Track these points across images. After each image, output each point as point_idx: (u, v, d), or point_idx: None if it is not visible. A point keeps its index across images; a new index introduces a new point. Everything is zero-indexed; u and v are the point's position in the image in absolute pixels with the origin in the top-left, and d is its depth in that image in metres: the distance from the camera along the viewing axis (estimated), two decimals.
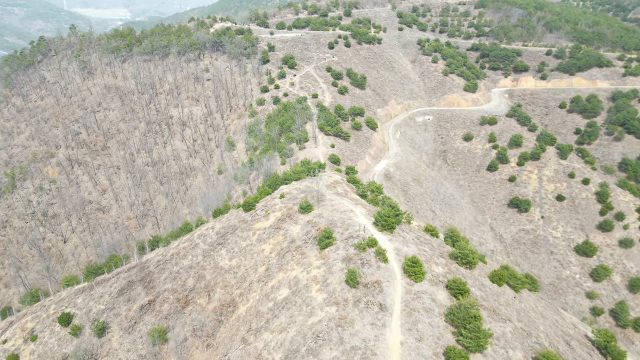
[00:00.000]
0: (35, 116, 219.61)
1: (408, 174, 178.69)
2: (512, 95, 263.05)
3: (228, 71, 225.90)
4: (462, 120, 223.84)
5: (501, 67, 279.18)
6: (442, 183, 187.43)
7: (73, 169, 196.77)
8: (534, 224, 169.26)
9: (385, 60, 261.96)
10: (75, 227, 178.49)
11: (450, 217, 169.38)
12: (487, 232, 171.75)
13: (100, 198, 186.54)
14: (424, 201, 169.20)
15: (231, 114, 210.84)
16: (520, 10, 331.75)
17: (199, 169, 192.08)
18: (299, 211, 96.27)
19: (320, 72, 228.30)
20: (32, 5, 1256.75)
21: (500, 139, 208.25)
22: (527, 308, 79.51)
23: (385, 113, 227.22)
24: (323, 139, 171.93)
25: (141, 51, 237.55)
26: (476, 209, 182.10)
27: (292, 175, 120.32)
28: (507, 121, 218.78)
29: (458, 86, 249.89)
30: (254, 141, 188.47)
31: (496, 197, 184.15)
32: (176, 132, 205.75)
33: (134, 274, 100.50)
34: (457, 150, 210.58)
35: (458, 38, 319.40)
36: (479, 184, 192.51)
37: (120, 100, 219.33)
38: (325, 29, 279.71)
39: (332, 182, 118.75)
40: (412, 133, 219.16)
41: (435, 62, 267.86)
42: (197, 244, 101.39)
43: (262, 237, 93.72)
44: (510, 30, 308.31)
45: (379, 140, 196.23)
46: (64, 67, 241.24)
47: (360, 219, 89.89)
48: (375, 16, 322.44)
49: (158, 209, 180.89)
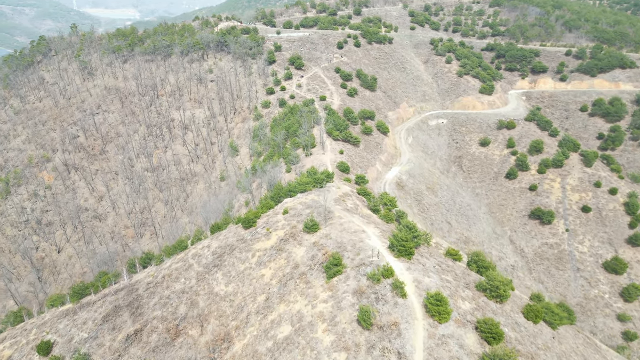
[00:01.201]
0: (32, 119, 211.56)
1: (422, 182, 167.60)
2: (530, 98, 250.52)
3: (233, 72, 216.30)
4: (479, 125, 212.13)
5: (518, 68, 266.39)
6: (458, 192, 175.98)
7: (70, 174, 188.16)
8: (558, 238, 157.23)
9: (396, 61, 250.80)
10: (71, 236, 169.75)
11: (467, 229, 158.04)
12: (507, 245, 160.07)
13: (97, 205, 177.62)
14: (439, 212, 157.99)
15: (235, 117, 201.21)
16: (537, 9, 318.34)
17: (201, 175, 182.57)
18: (304, 231, 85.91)
19: (328, 74, 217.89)
20: (42, 6, 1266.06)
21: (520, 145, 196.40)
22: (568, 350, 68.37)
23: (397, 116, 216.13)
24: (331, 145, 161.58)
25: (143, 51, 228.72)
26: (495, 220, 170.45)
27: (298, 187, 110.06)
28: (527, 125, 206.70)
29: (473, 88, 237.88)
30: (259, 146, 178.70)
31: (516, 207, 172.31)
32: (178, 136, 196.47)
33: (121, 298, 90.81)
34: (473, 157, 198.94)
35: (472, 38, 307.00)
36: (497, 193, 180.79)
37: (121, 103, 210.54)
38: (335, 28, 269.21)
39: (341, 195, 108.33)
40: (425, 138, 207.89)
41: (449, 62, 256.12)
42: (191, 265, 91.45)
43: (262, 260, 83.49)
44: (527, 30, 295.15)
45: (391, 145, 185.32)
46: (63, 68, 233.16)
47: (373, 241, 79.34)
48: (386, 15, 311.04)
49: (157, 218, 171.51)
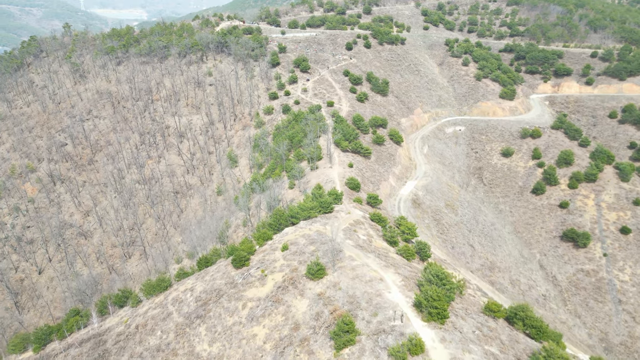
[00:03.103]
0: (19, 124, 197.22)
1: (440, 198, 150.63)
2: (554, 103, 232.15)
3: (233, 75, 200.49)
4: (500, 132, 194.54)
5: (540, 70, 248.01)
6: (480, 209, 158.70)
7: (55, 185, 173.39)
8: (594, 264, 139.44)
9: (409, 63, 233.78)
10: (53, 255, 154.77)
11: (491, 252, 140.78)
12: (536, 271, 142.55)
13: (82, 221, 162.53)
14: (460, 233, 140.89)
15: (235, 124, 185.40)
16: (559, 7, 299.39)
17: (196, 188, 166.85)
18: (306, 276, 69.55)
19: (336, 77, 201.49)
20: (49, 6, 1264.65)
21: (546, 156, 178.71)
22: None
23: (411, 123, 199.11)
24: (339, 157, 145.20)
25: (138, 52, 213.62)
26: (521, 241, 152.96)
27: (300, 212, 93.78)
28: (553, 134, 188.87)
29: (493, 92, 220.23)
30: (259, 157, 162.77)
31: (545, 227, 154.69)
32: (172, 144, 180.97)
33: (86, 353, 75.02)
34: (494, 168, 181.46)
35: (489, 38, 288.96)
36: (522, 210, 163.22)
37: (112, 108, 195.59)
38: (343, 28, 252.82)
39: (351, 222, 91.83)
40: (441, 147, 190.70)
41: (466, 65, 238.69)
42: (170, 312, 75.43)
43: (254, 314, 67.21)
44: (549, 30, 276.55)
45: (405, 156, 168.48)
46: (54, 70, 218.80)
47: (393, 294, 62.83)
48: (398, 14, 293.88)
49: (147, 236, 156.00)
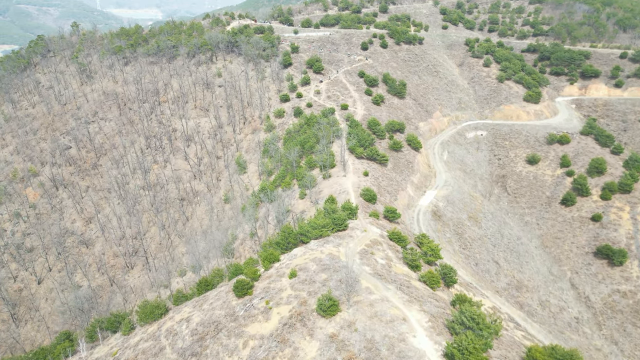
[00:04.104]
0: (23, 126, 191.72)
1: (462, 209, 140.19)
2: (581, 106, 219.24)
3: (243, 76, 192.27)
4: (524, 138, 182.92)
5: (566, 72, 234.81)
6: (505, 221, 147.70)
7: (58, 190, 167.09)
8: (632, 284, 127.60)
9: (428, 64, 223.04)
10: (53, 264, 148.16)
11: (518, 269, 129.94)
12: (567, 291, 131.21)
13: (84, 228, 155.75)
14: (484, 248, 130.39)
15: (245, 127, 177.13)
16: (585, 5, 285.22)
17: (203, 194, 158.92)
18: (317, 311, 60.35)
19: (351, 78, 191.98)
20: (66, 6, 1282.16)
21: (576, 164, 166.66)
22: None
23: (429, 127, 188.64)
24: (354, 164, 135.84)
25: (146, 52, 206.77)
26: (550, 257, 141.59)
27: (311, 231, 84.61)
28: (583, 140, 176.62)
29: (516, 95, 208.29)
30: (269, 163, 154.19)
31: (576, 241, 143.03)
32: (179, 148, 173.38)
33: None
34: (519, 176, 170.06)
35: (511, 38, 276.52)
36: (550, 223, 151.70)
37: (119, 110, 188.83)
38: (358, 27, 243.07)
39: (367, 243, 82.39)
40: (462, 153, 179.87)
41: (488, 65, 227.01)
42: (163, 347, 66.92)
43: (257, 356, 58.21)
44: (574, 29, 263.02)
45: (423, 163, 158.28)
46: (60, 70, 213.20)
47: (420, 339, 53.27)
48: (415, 13, 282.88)
49: (150, 246, 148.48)
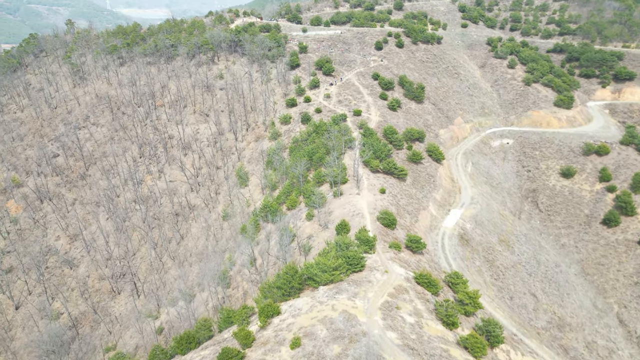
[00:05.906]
0: (9, 132, 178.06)
1: (492, 232, 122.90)
2: (615, 112, 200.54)
3: (247, 78, 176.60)
4: (557, 147, 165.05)
5: (597, 74, 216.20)
6: (540, 245, 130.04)
7: (42, 203, 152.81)
8: None
9: (447, 65, 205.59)
10: (34, 287, 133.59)
11: (558, 302, 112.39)
12: (614, 328, 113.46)
13: (69, 246, 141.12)
14: (519, 278, 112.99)
15: (247, 134, 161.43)
16: (615, 3, 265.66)
17: (200, 209, 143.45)
18: None
19: (364, 80, 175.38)
20: (76, 5, 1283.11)
21: (617, 178, 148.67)
22: None
23: (451, 135, 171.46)
24: (369, 180, 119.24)
25: (143, 52, 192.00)
26: (593, 286, 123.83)
27: (320, 274, 68.22)
28: (623, 151, 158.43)
29: (546, 100, 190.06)
30: (273, 176, 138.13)
31: (622, 269, 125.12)
32: (175, 157, 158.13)
33: None
34: (552, 191, 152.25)
35: (535, 37, 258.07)
36: (592, 246, 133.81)
37: (111, 114, 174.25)
38: (372, 25, 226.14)
39: (391, 292, 65.85)
40: (487, 164, 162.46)
41: (512, 67, 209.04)
42: None
43: None
44: (605, 28, 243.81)
45: (446, 177, 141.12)
46: (52, 71, 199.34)
47: None
48: (432, 10, 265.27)
49: (141, 267, 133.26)
